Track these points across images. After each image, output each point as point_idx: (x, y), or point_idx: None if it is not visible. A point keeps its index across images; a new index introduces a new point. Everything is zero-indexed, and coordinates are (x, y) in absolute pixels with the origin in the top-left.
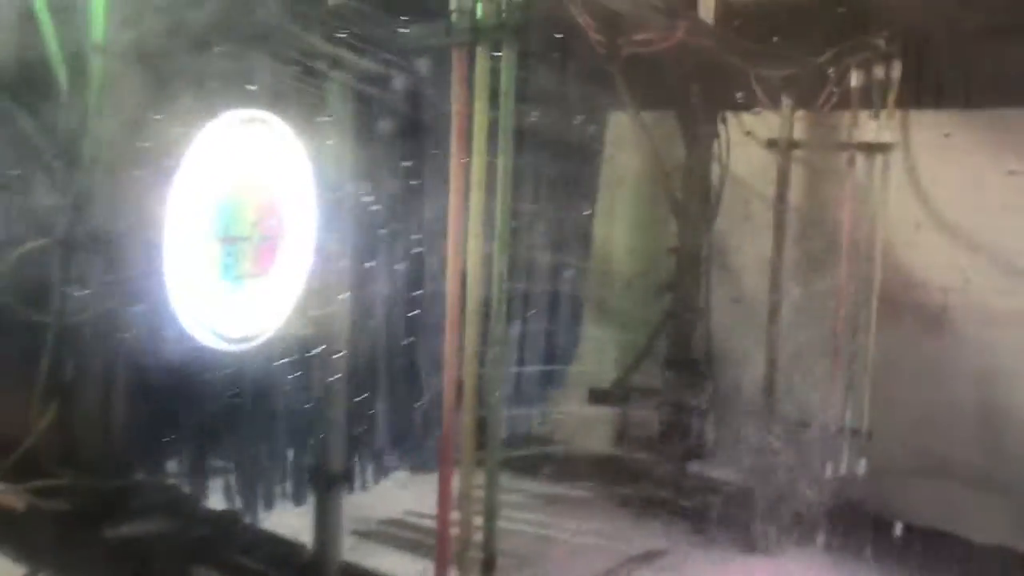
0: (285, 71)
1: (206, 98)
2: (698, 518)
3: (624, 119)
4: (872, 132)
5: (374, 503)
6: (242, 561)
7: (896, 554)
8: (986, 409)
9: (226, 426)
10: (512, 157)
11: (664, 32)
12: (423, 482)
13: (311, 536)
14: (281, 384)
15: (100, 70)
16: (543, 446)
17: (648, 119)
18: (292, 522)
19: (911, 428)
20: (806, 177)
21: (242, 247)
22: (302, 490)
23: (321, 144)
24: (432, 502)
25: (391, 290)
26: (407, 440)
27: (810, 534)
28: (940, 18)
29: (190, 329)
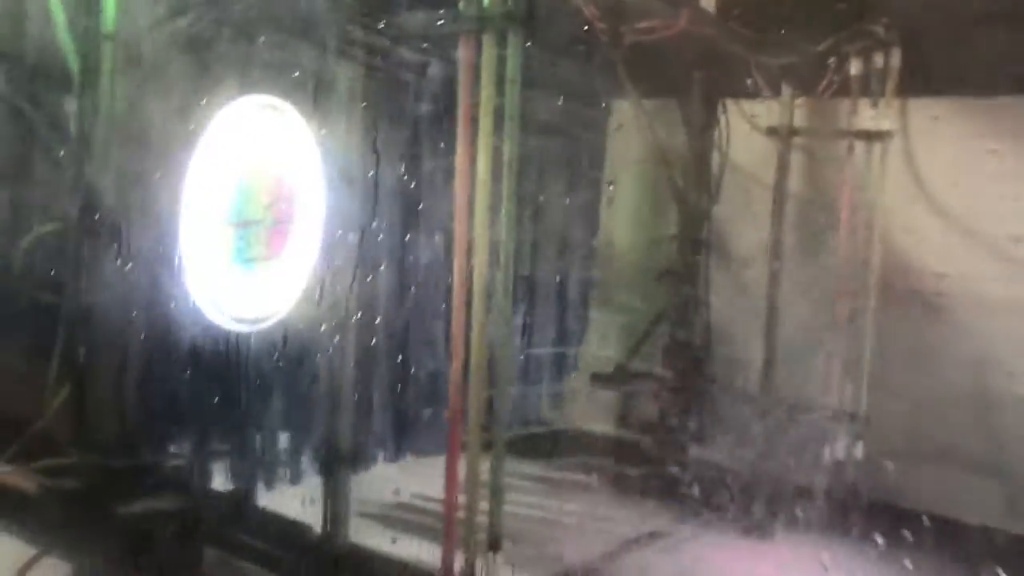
0: (297, 57)
1: (221, 84)
2: (697, 501)
3: (627, 106)
4: (871, 120)
5: (382, 486)
6: (249, 541)
7: (892, 536)
8: (981, 394)
9: (235, 407)
10: (517, 143)
11: (666, 20)
12: (429, 465)
13: (318, 516)
14: (290, 366)
15: (111, 57)
16: (546, 428)
17: (650, 107)
18: (299, 503)
19: (908, 413)
20: (806, 164)
21: (255, 231)
22: (309, 470)
23: (332, 130)
24: (438, 485)
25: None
26: (411, 422)
27: (807, 517)
28: (939, 6)
29: (204, 310)
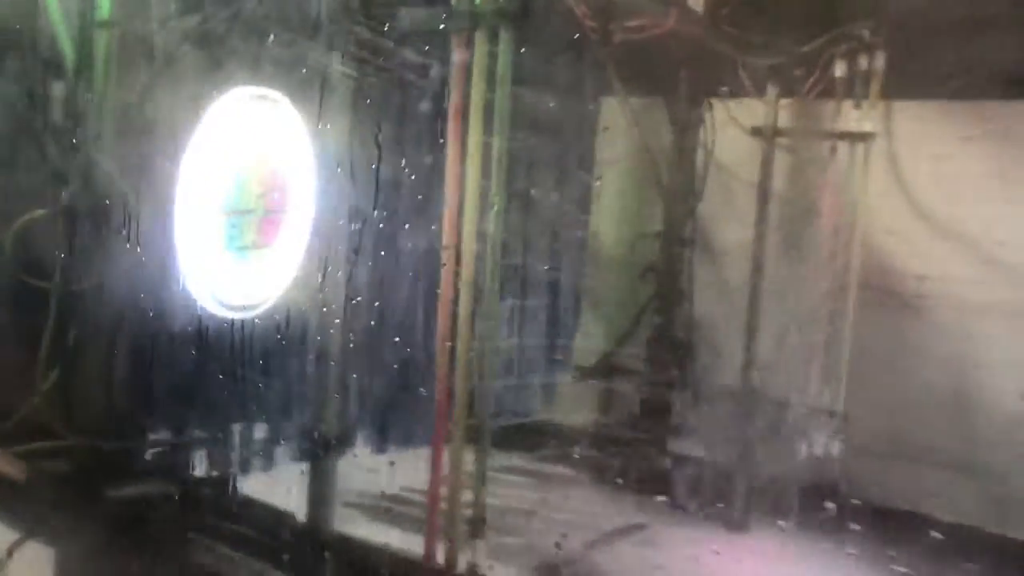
0: (292, 51)
1: (216, 74)
2: (677, 494)
3: (614, 104)
4: (854, 121)
5: (369, 477)
6: (234, 528)
7: (869, 533)
8: (958, 395)
9: (223, 392)
10: (507, 139)
11: (655, 19)
12: (416, 457)
13: (302, 504)
14: (279, 352)
15: (106, 45)
16: (526, 419)
17: (637, 105)
18: (283, 490)
19: (886, 411)
20: (790, 164)
21: (247, 219)
22: (293, 457)
23: (324, 122)
24: (423, 476)
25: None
26: (397, 414)
27: (786, 512)
28: (923, 9)
29: (195, 297)
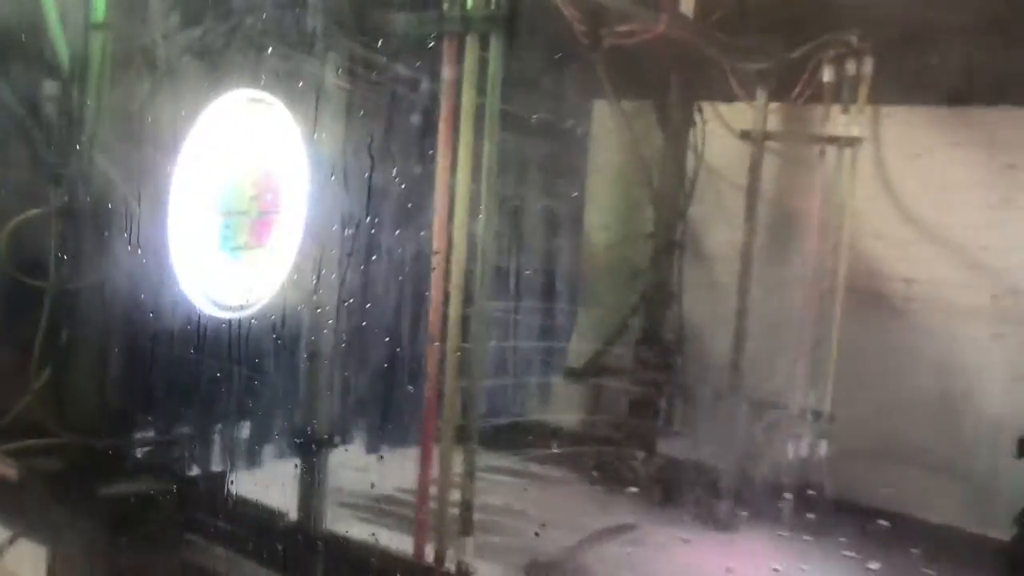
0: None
1: (212, 79)
2: (664, 495)
3: (606, 107)
4: (842, 126)
5: (360, 477)
6: (225, 526)
7: (854, 533)
8: (943, 397)
9: (214, 391)
10: (497, 142)
11: (646, 24)
12: (406, 457)
13: (293, 502)
14: (271, 352)
15: (101, 48)
16: (517, 420)
17: (628, 108)
18: (273, 488)
19: (872, 412)
20: (779, 168)
21: (241, 220)
22: (283, 455)
23: (319, 129)
24: (412, 475)
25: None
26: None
27: (772, 512)
28: (911, 16)
29: (189, 296)
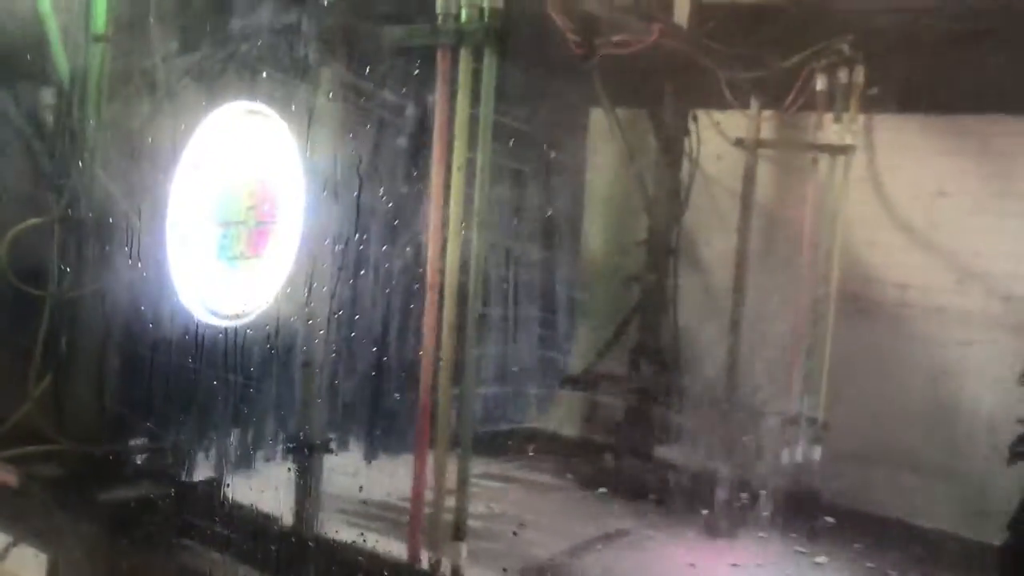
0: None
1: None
2: (660, 501)
3: (602, 116)
4: (835, 134)
5: (355, 483)
6: (222, 531)
7: (849, 538)
8: (937, 402)
9: (211, 398)
10: (490, 152)
11: (640, 35)
12: (403, 463)
13: (288, 508)
14: (267, 360)
15: (101, 60)
16: (513, 427)
17: (623, 116)
18: (268, 494)
19: (865, 418)
20: (772, 175)
21: (238, 230)
22: (278, 461)
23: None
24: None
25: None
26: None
27: (767, 518)
28: (903, 25)
29: (186, 305)
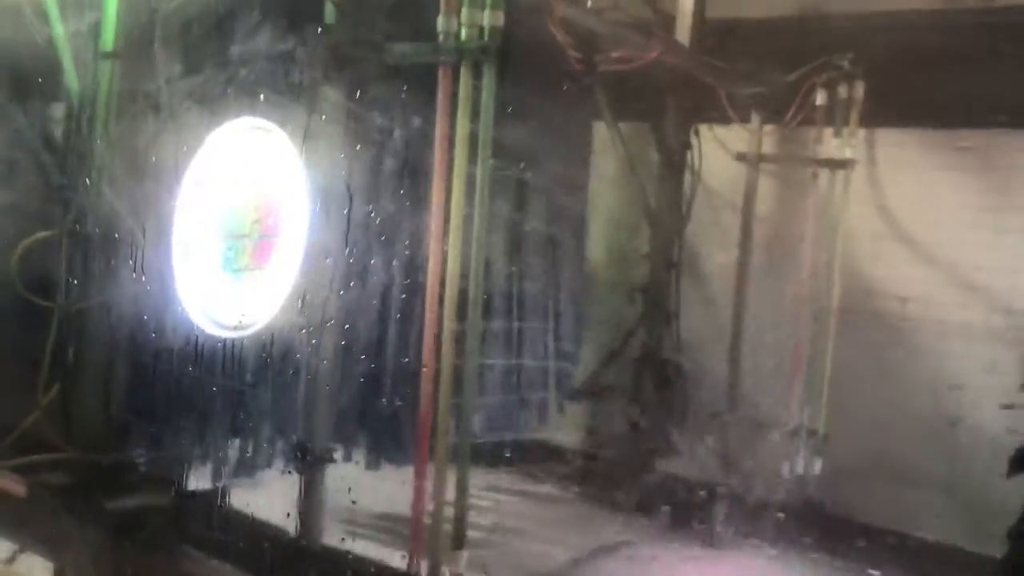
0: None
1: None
2: (662, 513)
3: (603, 129)
4: (835, 148)
5: (357, 494)
6: (226, 538)
7: (851, 551)
8: (938, 415)
9: (215, 408)
10: (489, 167)
11: (641, 51)
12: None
13: (291, 517)
14: (271, 370)
15: (109, 76)
16: (514, 438)
17: (626, 130)
18: (271, 503)
19: (866, 431)
20: (773, 189)
21: (242, 243)
22: (282, 471)
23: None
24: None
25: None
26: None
27: (769, 530)
28: (902, 42)
29: (192, 316)
